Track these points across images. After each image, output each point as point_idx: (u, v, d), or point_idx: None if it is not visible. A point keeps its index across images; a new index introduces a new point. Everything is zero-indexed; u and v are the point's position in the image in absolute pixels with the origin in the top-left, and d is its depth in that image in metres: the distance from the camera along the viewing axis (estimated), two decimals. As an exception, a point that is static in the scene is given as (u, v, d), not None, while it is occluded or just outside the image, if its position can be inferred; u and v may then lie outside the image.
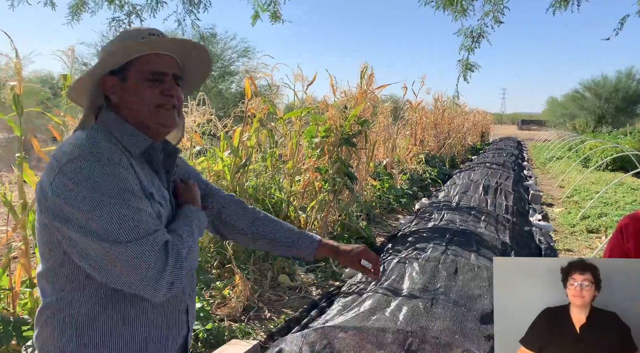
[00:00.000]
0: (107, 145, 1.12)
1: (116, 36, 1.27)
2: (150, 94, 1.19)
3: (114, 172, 1.07)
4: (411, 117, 11.69)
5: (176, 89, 1.24)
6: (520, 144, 27.23)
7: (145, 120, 1.21)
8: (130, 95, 1.20)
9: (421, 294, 3.37)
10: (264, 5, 6.29)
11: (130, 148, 1.19)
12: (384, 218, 7.50)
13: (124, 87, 1.21)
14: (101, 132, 1.17)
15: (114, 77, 1.21)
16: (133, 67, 1.20)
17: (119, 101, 1.22)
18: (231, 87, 23.64)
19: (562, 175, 12.91)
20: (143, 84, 1.19)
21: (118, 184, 1.06)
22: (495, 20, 5.98)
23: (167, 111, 1.22)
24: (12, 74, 3.23)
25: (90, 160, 1.06)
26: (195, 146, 4.84)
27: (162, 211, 1.20)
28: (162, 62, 1.22)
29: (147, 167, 1.24)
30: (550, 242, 6.07)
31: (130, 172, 1.11)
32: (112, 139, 1.18)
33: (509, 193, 8.41)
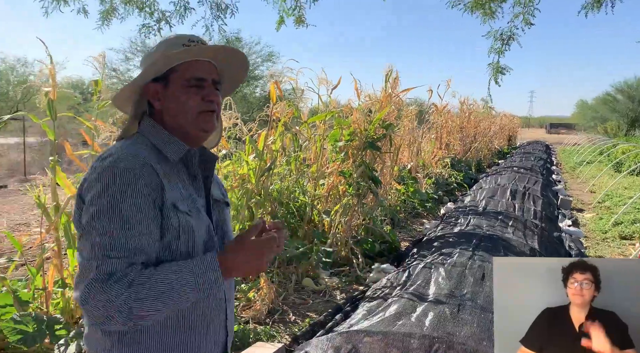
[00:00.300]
0: (134, 161, 1.14)
1: (157, 45, 1.30)
2: (191, 99, 1.23)
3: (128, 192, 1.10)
4: (436, 121, 11.57)
5: (216, 94, 1.26)
6: (549, 147, 26.63)
7: (186, 125, 1.25)
8: (172, 101, 1.24)
9: (447, 300, 3.32)
10: (289, 10, 6.33)
11: (168, 155, 1.23)
12: (408, 222, 7.44)
13: (166, 93, 1.25)
14: (139, 143, 1.22)
15: (157, 84, 1.25)
16: (175, 74, 1.24)
17: (162, 107, 1.26)
18: (255, 91, 23.88)
19: (593, 179, 12.56)
20: (184, 90, 1.23)
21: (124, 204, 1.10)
22: (526, 22, 5.86)
23: (208, 116, 1.25)
24: (45, 79, 3.34)
25: (115, 174, 1.11)
26: (222, 150, 4.89)
27: (191, 222, 1.19)
28: (202, 68, 1.25)
29: (184, 172, 1.27)
30: (581, 249, 5.90)
31: (149, 189, 1.13)
32: (151, 147, 1.22)
33: (537, 198, 8.22)
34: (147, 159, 1.17)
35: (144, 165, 1.15)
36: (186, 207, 1.20)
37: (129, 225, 1.09)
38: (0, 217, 7.66)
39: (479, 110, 15.71)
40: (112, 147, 1.22)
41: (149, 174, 1.14)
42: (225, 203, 1.42)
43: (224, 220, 1.38)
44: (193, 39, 1.28)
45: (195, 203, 1.25)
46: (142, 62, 1.31)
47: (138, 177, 1.12)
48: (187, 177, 1.28)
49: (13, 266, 3.43)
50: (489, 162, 16.64)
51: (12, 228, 6.86)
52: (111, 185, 1.10)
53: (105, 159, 1.16)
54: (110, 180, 1.11)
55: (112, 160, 1.14)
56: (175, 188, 1.21)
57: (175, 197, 1.19)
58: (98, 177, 1.12)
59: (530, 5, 5.89)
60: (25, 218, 7.56)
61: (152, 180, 1.14)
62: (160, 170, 1.18)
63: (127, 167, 1.12)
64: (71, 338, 2.85)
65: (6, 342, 2.91)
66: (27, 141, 14.48)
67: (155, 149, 1.23)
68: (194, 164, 1.29)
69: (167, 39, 1.31)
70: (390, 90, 6.05)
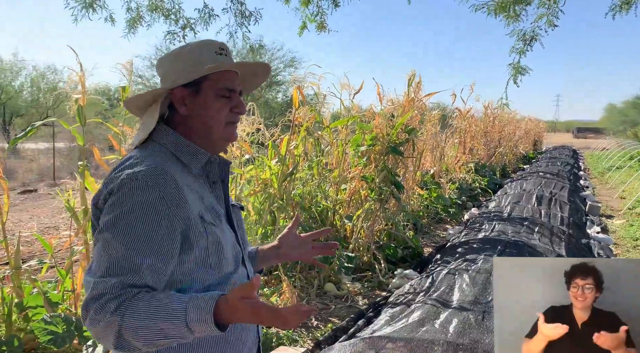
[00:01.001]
0: (153, 174, 1.09)
1: (188, 50, 1.26)
2: (222, 110, 1.23)
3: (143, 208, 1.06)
4: (460, 125, 11.44)
5: (244, 105, 1.28)
6: (576, 152, 26.02)
7: (212, 134, 1.24)
8: (202, 108, 1.22)
9: (472, 306, 3.27)
10: (312, 16, 6.37)
11: (190, 164, 1.22)
12: (431, 228, 7.36)
13: (196, 99, 1.23)
14: (157, 152, 1.18)
15: (185, 89, 1.22)
16: (207, 82, 1.22)
17: (189, 113, 1.23)
18: (277, 96, 24.06)
19: (623, 185, 12.21)
20: (216, 99, 1.22)
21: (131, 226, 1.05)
22: (550, 24, 5.77)
23: (233, 127, 1.27)
24: (74, 86, 3.43)
25: (135, 188, 1.06)
26: (245, 154, 4.94)
27: (218, 233, 1.17)
28: (232, 79, 1.26)
29: (204, 180, 1.26)
30: (611, 256, 5.74)
31: (167, 205, 1.08)
32: (170, 156, 1.19)
33: (564, 204, 8.04)
34: (167, 170, 1.12)
35: (165, 177, 1.10)
36: (210, 218, 1.18)
37: (137, 243, 1.04)
38: (31, 220, 7.89)
39: (503, 115, 15.44)
40: (129, 157, 1.18)
41: (170, 187, 1.09)
42: (240, 207, 1.42)
43: (240, 226, 1.38)
44: (223, 47, 1.28)
45: (217, 212, 1.23)
46: (166, 64, 1.27)
47: (157, 191, 1.07)
48: (207, 184, 1.27)
49: (46, 268, 3.52)
50: (513, 167, 16.36)
51: (42, 231, 7.06)
52: (127, 199, 1.06)
53: (123, 170, 1.12)
54: (126, 194, 1.06)
55: (130, 173, 1.09)
56: (198, 198, 1.18)
57: (199, 208, 1.16)
58: (115, 189, 1.08)
59: (555, 6, 5.79)
60: (54, 221, 7.76)
61: (173, 194, 1.09)
62: (181, 182, 1.13)
63: (146, 180, 1.07)
64: (98, 339, 2.91)
65: (37, 342, 2.99)
66: (57, 146, 14.89)
67: (174, 157, 1.20)
68: (214, 170, 1.28)
69: (198, 45, 1.27)
70: (413, 94, 6.01)
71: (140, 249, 1.04)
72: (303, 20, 6.44)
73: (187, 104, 1.23)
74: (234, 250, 1.24)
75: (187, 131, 1.24)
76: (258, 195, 4.92)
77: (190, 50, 1.26)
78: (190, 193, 1.15)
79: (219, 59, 1.24)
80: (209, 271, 1.15)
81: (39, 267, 3.66)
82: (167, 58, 1.28)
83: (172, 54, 1.28)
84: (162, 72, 1.28)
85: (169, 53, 1.29)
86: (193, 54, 1.25)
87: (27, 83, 24.12)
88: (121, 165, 1.15)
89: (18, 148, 16.31)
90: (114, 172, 1.14)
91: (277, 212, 4.90)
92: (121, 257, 1.03)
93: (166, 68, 1.27)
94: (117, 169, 1.14)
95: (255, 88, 1.42)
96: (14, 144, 3.47)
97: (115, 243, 1.04)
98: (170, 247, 1.07)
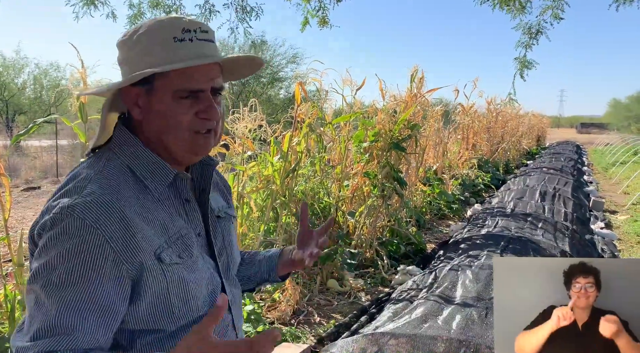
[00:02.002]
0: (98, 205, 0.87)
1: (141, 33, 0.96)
2: (182, 115, 0.95)
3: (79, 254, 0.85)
4: (463, 121, 11.39)
5: (215, 109, 0.97)
6: (580, 148, 25.92)
7: (173, 147, 0.98)
8: (156, 113, 0.96)
9: (475, 303, 3.26)
10: (313, 11, 6.35)
11: (150, 185, 0.97)
12: (434, 224, 7.34)
13: (150, 102, 0.96)
14: (110, 169, 0.95)
15: (137, 88, 0.97)
16: (162, 80, 0.95)
17: (142, 118, 0.98)
18: (280, 93, 24.04)
19: (627, 180, 12.16)
20: (174, 102, 0.94)
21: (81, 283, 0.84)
22: (555, 16, 5.74)
23: (202, 139, 0.98)
24: (77, 83, 3.42)
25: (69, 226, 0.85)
26: (247, 151, 4.93)
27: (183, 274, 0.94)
28: (200, 75, 0.95)
29: (172, 197, 1.01)
30: (615, 252, 5.72)
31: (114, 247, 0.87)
32: (126, 172, 0.96)
33: (567, 200, 8.01)
34: (114, 201, 0.89)
35: (110, 211, 0.87)
36: (175, 255, 0.95)
37: (74, 300, 0.83)
38: (34, 217, 7.90)
39: (506, 110, 15.38)
40: (74, 176, 0.95)
41: (115, 225, 0.87)
42: (232, 216, 1.18)
43: (228, 241, 1.14)
44: (189, 28, 0.94)
45: (186, 242, 0.98)
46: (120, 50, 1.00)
47: (98, 231, 0.85)
48: (176, 203, 1.01)
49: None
50: (517, 163, 16.30)
51: (46, 228, 7.07)
52: (61, 241, 0.84)
53: (62, 196, 0.90)
54: (60, 233, 0.85)
55: (67, 205, 0.86)
56: (159, 230, 0.94)
57: (158, 244, 0.92)
58: (48, 224, 0.86)
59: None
60: (57, 218, 7.78)
61: (120, 235, 0.87)
62: (134, 213, 0.90)
63: (84, 217, 0.85)
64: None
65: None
66: (59, 143, 14.92)
67: (132, 174, 0.96)
68: (185, 187, 1.03)
69: (153, 27, 0.96)
70: (416, 90, 5.99)
71: (79, 308, 0.83)
72: (305, 16, 6.42)
73: (140, 107, 0.97)
74: (210, 287, 1.02)
75: (145, 139, 0.99)
76: (260, 191, 4.92)
77: (140, 35, 0.96)
78: (147, 227, 0.92)
79: (176, 48, 0.93)
80: (172, 318, 0.95)
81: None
82: (123, 40, 0.99)
83: (126, 35, 0.99)
84: (118, 58, 1.02)
85: (126, 32, 1.00)
86: (142, 42, 0.95)
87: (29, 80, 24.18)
88: (63, 188, 0.93)
89: (21, 145, 16.36)
90: (53, 198, 0.92)
91: (279, 209, 4.89)
92: (54, 318, 0.82)
93: (119, 54, 1.00)
94: (57, 193, 0.92)
95: (248, 75, 1.11)
96: (17, 140, 3.47)
97: (48, 299, 0.83)
98: (117, 300, 0.87)
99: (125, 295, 0.89)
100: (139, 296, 0.91)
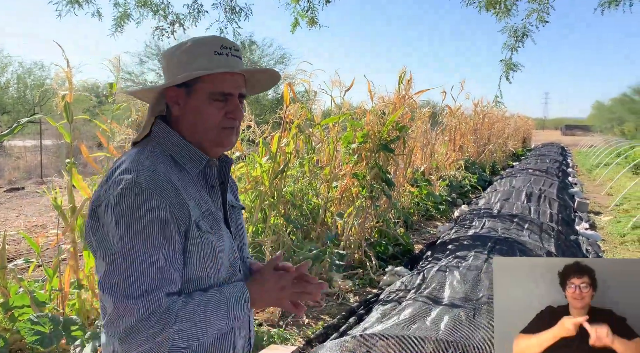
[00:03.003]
0: (156, 179, 1.07)
1: (188, 47, 1.18)
2: (214, 115, 1.16)
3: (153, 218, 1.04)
4: (450, 123, 11.48)
5: (240, 111, 1.20)
6: (564, 149, 26.28)
7: (203, 139, 1.18)
8: (193, 111, 1.17)
9: (463, 303, 3.28)
10: (302, 12, 6.34)
11: (188, 168, 1.17)
12: (422, 225, 7.38)
13: (189, 101, 1.17)
14: (156, 154, 1.14)
15: (179, 89, 1.17)
16: (200, 83, 1.16)
17: (181, 114, 1.19)
18: (268, 93, 23.94)
19: (610, 182, 12.35)
20: (209, 103, 1.16)
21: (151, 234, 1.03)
22: (540, 19, 5.80)
23: (228, 132, 1.19)
24: (62, 83, 3.37)
25: (140, 196, 1.04)
26: (235, 152, 4.90)
27: (215, 242, 1.14)
28: (230, 82, 1.17)
29: (202, 183, 1.21)
30: (599, 252, 5.81)
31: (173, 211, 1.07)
32: (168, 158, 1.15)
33: (553, 201, 8.11)
34: (167, 175, 1.10)
35: (167, 183, 1.08)
36: (208, 225, 1.14)
37: (161, 254, 1.03)
38: (18, 218, 7.78)
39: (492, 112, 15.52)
40: (127, 157, 1.14)
41: (173, 193, 1.08)
42: (241, 207, 1.37)
43: (241, 227, 1.33)
44: (226, 46, 1.19)
45: (215, 218, 1.19)
46: (166, 59, 1.22)
47: (163, 197, 1.05)
48: (205, 187, 1.21)
49: (32, 267, 3.47)
50: (503, 165, 16.47)
51: (29, 230, 6.96)
52: (135, 208, 1.03)
53: (124, 173, 1.08)
54: (133, 202, 1.03)
55: (132, 178, 1.05)
56: (195, 205, 1.14)
57: (196, 215, 1.12)
58: (119, 196, 1.04)
59: (545, 2, 5.83)
60: (42, 220, 7.66)
61: (177, 200, 1.08)
62: (180, 186, 1.11)
63: (150, 187, 1.05)
64: (87, 339, 2.87)
65: (23, 342, 2.94)
66: (44, 144, 14.69)
67: (172, 160, 1.16)
68: (213, 173, 1.23)
69: (198, 41, 1.19)
70: (404, 92, 6.02)
71: (166, 258, 1.04)
72: (295, 17, 6.40)
73: (180, 104, 1.19)
74: (231, 257, 1.21)
75: (182, 132, 1.19)
76: (249, 192, 4.90)
77: (188, 47, 1.18)
78: (189, 200, 1.12)
79: (216, 59, 1.16)
80: (205, 279, 1.13)
81: (26, 266, 3.60)
82: (168, 52, 1.22)
83: (173, 48, 1.21)
84: (163, 67, 1.23)
85: (173, 46, 1.22)
86: (189, 52, 1.18)
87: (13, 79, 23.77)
88: (119, 166, 1.11)
89: (4, 145, 16.08)
90: (113, 176, 1.09)
91: (268, 210, 4.88)
92: (150, 271, 1.02)
93: (165, 63, 1.22)
94: (117, 171, 1.10)
95: (265, 90, 1.36)
96: (0, 141, 3.41)
97: (140, 256, 1.02)
98: (181, 251, 1.08)
99: (182, 250, 1.09)
100: (186, 254, 1.10)
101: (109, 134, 3.54)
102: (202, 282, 1.13)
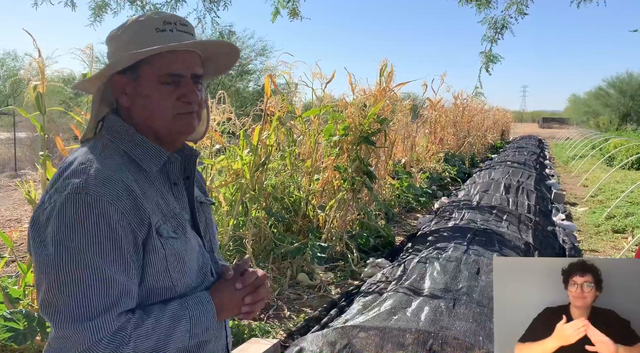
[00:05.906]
0: (108, 183, 0.95)
1: (127, 25, 1.06)
2: (165, 100, 1.03)
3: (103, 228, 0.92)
4: (430, 115, 11.56)
5: (195, 93, 1.06)
6: (542, 142, 26.75)
7: (158, 128, 1.06)
8: (142, 98, 1.04)
9: (443, 294, 3.32)
10: (284, 2, 6.28)
11: (145, 165, 1.04)
12: (402, 217, 7.44)
13: (136, 88, 1.04)
14: (109, 151, 1.02)
15: (123, 76, 1.04)
16: (146, 66, 1.03)
17: (130, 105, 1.06)
18: (249, 85, 23.77)
19: (586, 174, 12.63)
20: (157, 87, 1.03)
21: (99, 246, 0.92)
22: (520, 12, 5.87)
23: (185, 118, 1.06)
24: (35, 73, 3.27)
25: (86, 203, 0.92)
26: (215, 144, 4.84)
27: (179, 247, 1.03)
28: (179, 62, 1.03)
29: (163, 180, 1.09)
30: (575, 242, 5.93)
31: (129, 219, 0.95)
32: (122, 155, 1.03)
33: (531, 193, 8.25)
34: (121, 176, 0.97)
35: (120, 186, 0.95)
36: (171, 230, 1.03)
37: (113, 269, 0.91)
38: (-9, 213, 7.57)
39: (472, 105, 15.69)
40: (75, 157, 1.01)
41: (128, 198, 0.95)
42: (210, 203, 1.26)
43: (210, 225, 1.22)
44: (170, 21, 1.05)
45: (178, 218, 1.07)
46: (109, 43, 1.08)
47: (115, 204, 0.93)
48: (166, 185, 1.09)
49: (3, 262, 3.37)
50: (482, 157, 16.69)
51: (3, 224, 6.79)
52: (83, 217, 0.90)
53: (70, 177, 0.95)
54: (81, 210, 0.91)
55: (80, 182, 0.93)
56: (156, 207, 1.02)
57: (156, 219, 1.00)
58: (64, 203, 0.91)
59: (525, -6, 5.89)
60: (16, 214, 7.47)
61: (132, 205, 0.96)
62: (137, 188, 0.99)
63: (99, 192, 0.92)
64: (63, 335, 2.81)
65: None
66: (18, 136, 14.31)
67: (128, 157, 1.03)
68: (175, 169, 1.11)
69: (138, 20, 1.06)
70: (385, 84, 6.02)
71: (118, 272, 0.92)
72: (275, 6, 6.33)
73: (127, 94, 1.05)
74: (201, 261, 1.11)
75: (136, 125, 1.06)
76: (229, 185, 4.85)
77: (128, 26, 1.05)
78: (147, 203, 1.00)
79: (158, 37, 1.02)
80: (171, 289, 1.03)
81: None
82: (110, 35, 1.08)
83: (115, 29, 1.08)
84: (107, 53, 1.09)
85: (115, 28, 1.09)
86: (128, 33, 1.04)
87: (-16, 70, 23.09)
88: (67, 168, 0.98)
89: (-24, 138, 15.61)
90: (59, 181, 0.97)
91: (249, 203, 4.84)
92: (101, 287, 0.90)
93: (109, 48, 1.08)
94: (62, 176, 0.97)
95: (229, 69, 1.20)
96: (-31, 133, 3.29)
97: (86, 273, 0.89)
98: (138, 263, 0.97)
99: (140, 259, 0.98)
100: (146, 264, 0.99)
101: (84, 125, 3.45)
102: (168, 291, 1.02)
